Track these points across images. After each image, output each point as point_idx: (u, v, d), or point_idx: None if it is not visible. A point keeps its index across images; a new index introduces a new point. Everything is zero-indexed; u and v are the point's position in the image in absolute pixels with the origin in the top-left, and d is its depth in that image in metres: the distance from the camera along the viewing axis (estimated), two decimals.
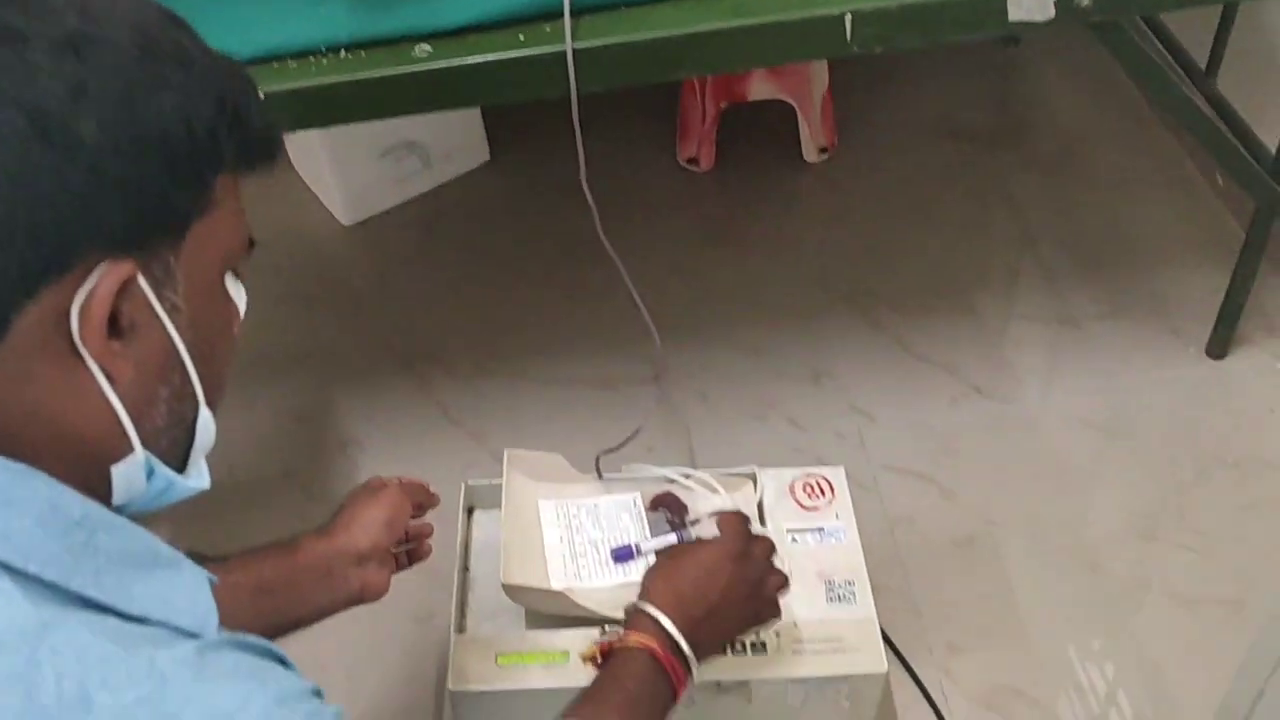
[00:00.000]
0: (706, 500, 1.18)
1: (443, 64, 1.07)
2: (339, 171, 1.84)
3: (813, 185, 1.91)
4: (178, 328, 0.57)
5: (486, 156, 1.97)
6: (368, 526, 0.93)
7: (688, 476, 1.20)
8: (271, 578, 0.89)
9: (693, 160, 1.92)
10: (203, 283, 0.58)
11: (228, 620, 0.89)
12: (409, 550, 1.03)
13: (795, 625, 1.07)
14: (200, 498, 1.58)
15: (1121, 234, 1.78)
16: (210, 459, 0.68)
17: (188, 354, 0.58)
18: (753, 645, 1.06)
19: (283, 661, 0.63)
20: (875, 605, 1.31)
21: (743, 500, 1.18)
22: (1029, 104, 2.04)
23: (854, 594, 1.10)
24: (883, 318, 1.67)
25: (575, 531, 1.13)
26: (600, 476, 1.20)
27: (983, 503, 1.44)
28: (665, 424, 1.55)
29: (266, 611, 0.89)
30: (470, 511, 1.23)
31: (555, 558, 1.10)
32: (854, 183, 1.89)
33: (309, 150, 1.85)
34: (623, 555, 1.11)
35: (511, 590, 1.04)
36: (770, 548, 1.02)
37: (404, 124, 1.83)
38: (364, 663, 1.34)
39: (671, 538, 1.10)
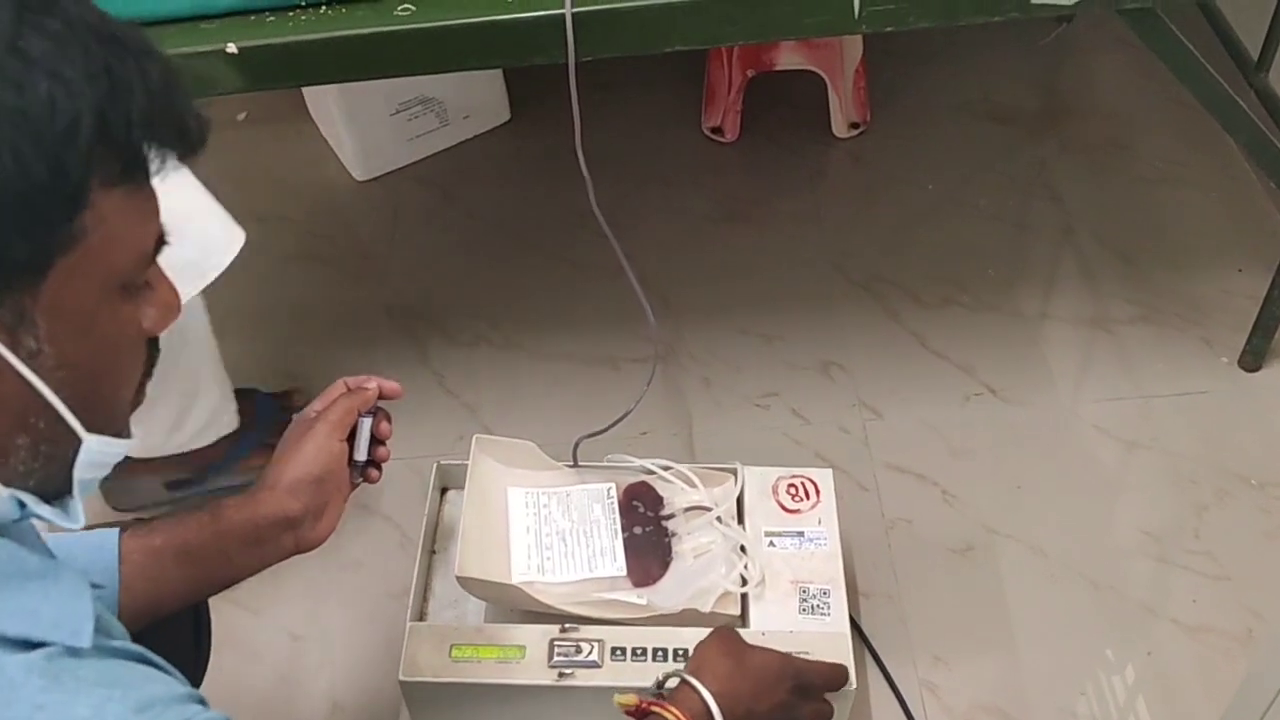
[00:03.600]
0: (684, 494, 1.13)
1: (425, 24, 1.02)
2: (352, 125, 1.79)
3: (840, 162, 1.83)
4: (40, 370, 0.53)
5: (507, 116, 1.92)
6: (297, 489, 0.88)
7: (667, 469, 1.15)
8: (196, 542, 0.86)
9: (717, 130, 1.85)
10: (77, 315, 0.54)
11: (150, 584, 0.86)
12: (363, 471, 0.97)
13: (763, 635, 1.02)
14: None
15: (1162, 232, 1.69)
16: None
17: (57, 393, 0.54)
18: None
19: (158, 667, 0.59)
20: (860, 610, 1.27)
21: (721, 495, 1.13)
22: (1076, 88, 1.94)
23: (829, 605, 1.05)
24: (901, 309, 1.60)
25: (544, 521, 1.09)
26: (575, 464, 1.15)
27: (986, 510, 1.37)
28: (664, 408, 1.50)
29: (192, 576, 0.86)
30: (444, 492, 1.19)
31: (520, 548, 1.06)
32: (884, 162, 1.81)
33: (324, 101, 1.81)
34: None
35: (466, 583, 1.00)
36: (830, 713, 1.00)
37: (419, 79, 1.77)
38: (337, 640, 1.31)
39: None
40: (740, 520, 1.13)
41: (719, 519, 1.11)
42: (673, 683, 0.91)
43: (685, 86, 1.91)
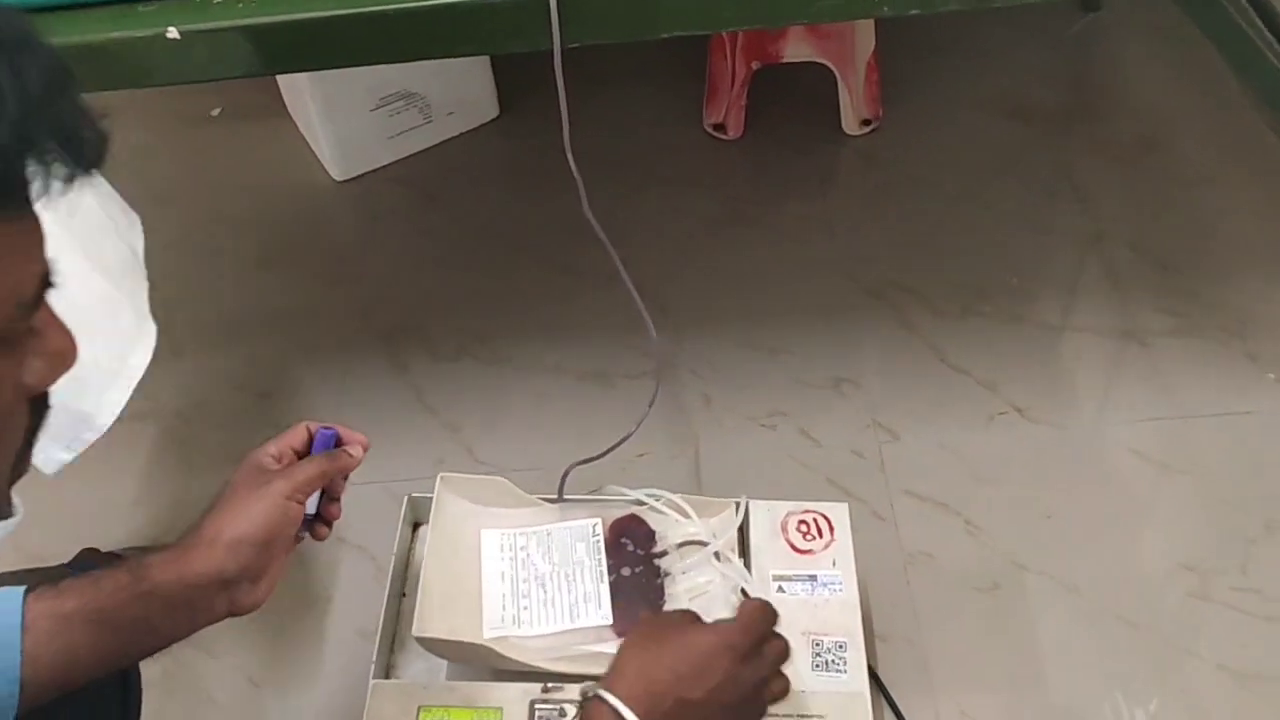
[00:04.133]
0: (678, 527, 1.01)
1: (390, 6, 0.90)
2: (329, 121, 1.67)
3: (851, 161, 1.71)
4: None
5: (495, 113, 1.80)
6: (238, 549, 0.76)
7: (657, 498, 1.03)
8: (113, 606, 0.74)
9: (719, 127, 1.73)
10: None
11: (60, 655, 0.73)
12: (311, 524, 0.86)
13: None
14: (149, 479, 1.43)
15: (1200, 238, 1.56)
16: (165, 438, 0.54)
17: None
18: None
19: None
20: (876, 655, 1.15)
21: (720, 526, 1.02)
22: (1106, 82, 1.82)
23: (845, 661, 0.93)
24: (918, 320, 1.48)
25: (520, 566, 0.97)
26: (561, 497, 1.03)
27: (1013, 542, 1.25)
28: (662, 428, 1.38)
29: (108, 644, 0.74)
30: (415, 528, 1.07)
31: (493, 599, 0.94)
32: (898, 161, 1.69)
33: (300, 95, 1.69)
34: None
35: (427, 644, 0.88)
36: (785, 651, 0.84)
37: (401, 72, 1.66)
38: (300, 688, 1.20)
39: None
40: (743, 556, 1.01)
41: (716, 555, 0.99)
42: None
43: (685, 80, 1.79)
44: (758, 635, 0.82)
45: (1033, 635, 1.18)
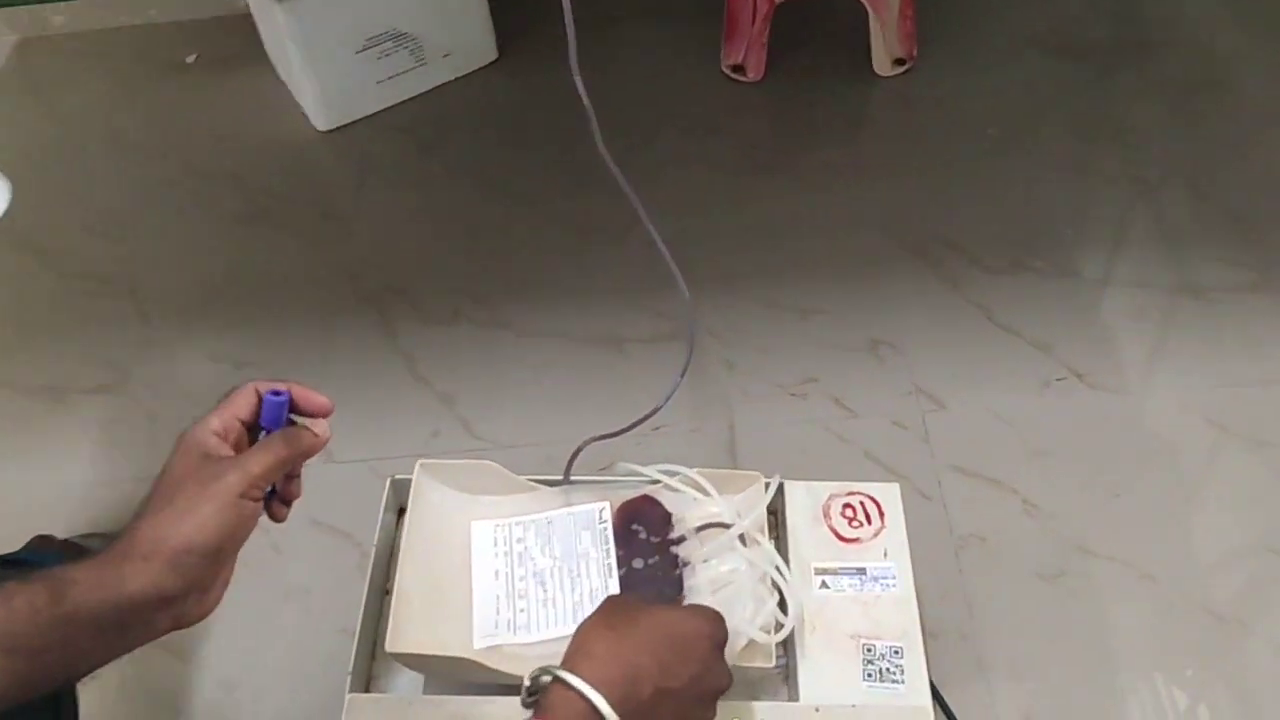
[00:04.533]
0: (697, 508, 0.88)
1: None
2: (312, 66, 1.52)
3: (883, 105, 1.56)
4: None
5: (494, 56, 1.65)
6: (182, 561, 0.63)
7: (673, 475, 0.89)
8: (26, 634, 0.60)
9: (738, 68, 1.58)
10: None
11: None
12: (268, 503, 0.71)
13: (816, 711, 0.77)
14: (112, 457, 1.27)
15: (1266, 183, 1.41)
16: (130, 412, 0.42)
17: None
18: None
19: None
20: (928, 653, 1.01)
21: (745, 505, 0.88)
22: (1159, 16, 1.66)
23: (901, 669, 0.80)
24: (961, 275, 1.33)
25: (517, 562, 0.83)
26: (567, 478, 0.89)
27: (1077, 524, 1.11)
28: (680, 397, 1.23)
29: (24, 672, 0.61)
30: (401, 514, 0.93)
31: (485, 602, 0.81)
32: (934, 104, 1.54)
33: (280, 38, 1.54)
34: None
35: (403, 659, 0.75)
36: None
37: (390, 10, 1.51)
38: (277, 693, 1.06)
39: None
40: (779, 545, 0.87)
41: (741, 539, 0.85)
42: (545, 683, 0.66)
43: (701, 18, 1.64)
44: (725, 631, 0.72)
45: (1103, 630, 1.04)
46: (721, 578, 0.84)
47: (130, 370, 1.33)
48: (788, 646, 0.83)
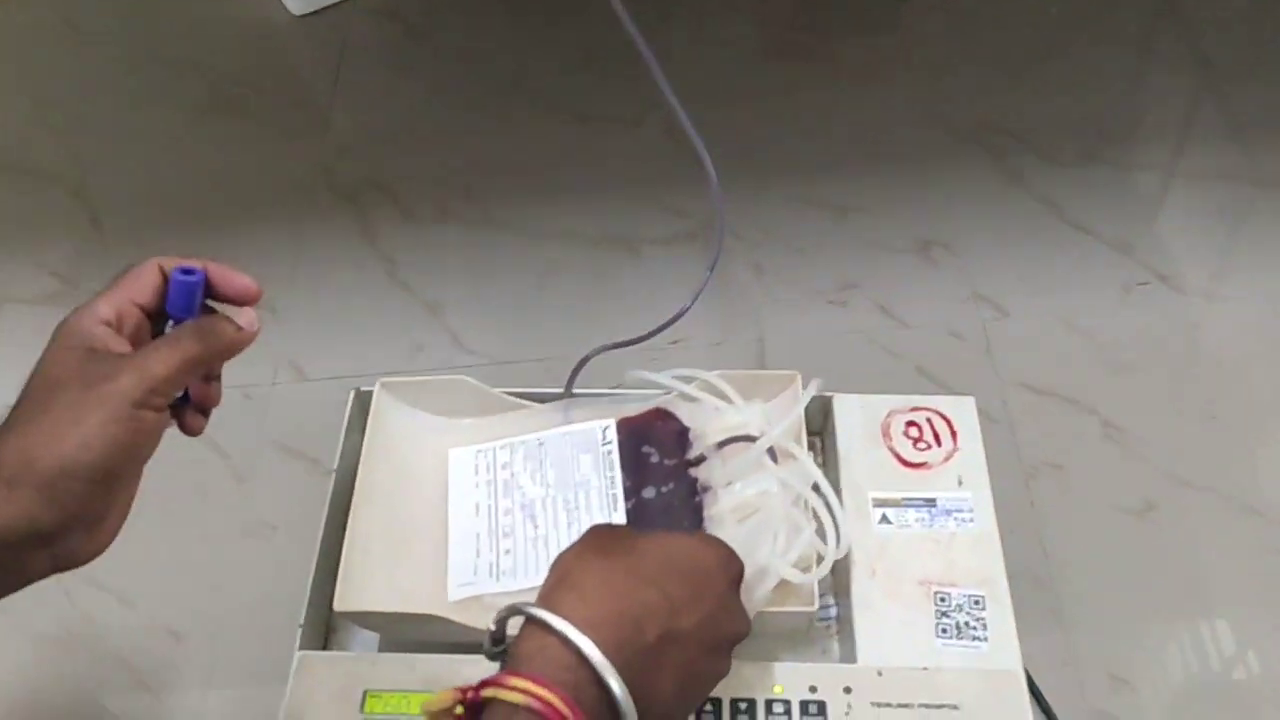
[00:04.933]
0: (718, 419, 0.72)
1: None
2: None
3: None
4: None
5: None
6: (60, 489, 0.47)
7: (689, 381, 0.73)
8: None
9: None
10: None
11: None
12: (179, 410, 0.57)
13: (879, 675, 0.62)
14: None
15: None
16: None
17: None
18: (803, 705, 0.61)
19: None
20: None
21: (777, 411, 0.72)
22: None
23: (983, 623, 0.64)
24: (1026, 168, 1.16)
25: (501, 492, 0.68)
26: (569, 391, 0.74)
27: (1168, 450, 0.95)
28: (701, 305, 1.07)
29: None
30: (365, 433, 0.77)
31: (464, 542, 0.65)
32: None
33: None
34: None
35: (359, 619, 0.60)
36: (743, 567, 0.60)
37: None
38: (231, 643, 0.92)
39: None
40: (829, 477, 0.71)
41: (772, 454, 0.69)
42: (515, 628, 0.51)
43: None
44: (741, 566, 0.58)
45: (1200, 571, 0.89)
46: (748, 503, 0.69)
47: (77, 279, 1.17)
48: (841, 594, 0.68)
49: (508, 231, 1.16)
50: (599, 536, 0.54)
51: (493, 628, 0.51)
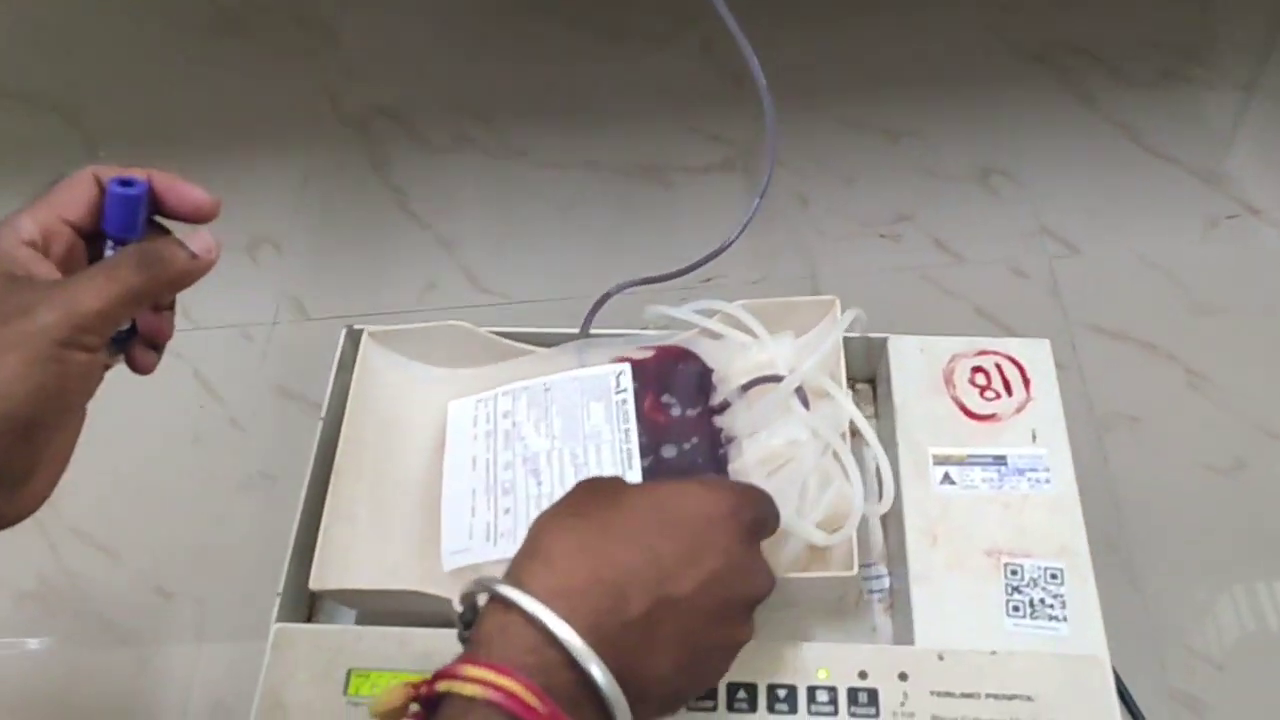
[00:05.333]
0: (744, 357, 0.63)
1: None
2: None
3: None
4: None
5: None
6: None
7: (711, 314, 0.65)
8: None
9: None
10: None
11: None
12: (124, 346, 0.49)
13: (940, 660, 0.53)
14: None
15: None
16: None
17: None
18: (851, 694, 0.53)
19: None
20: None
21: (807, 345, 0.63)
22: None
23: (1062, 600, 0.55)
24: (1097, 88, 1.05)
25: (503, 443, 0.59)
26: (585, 331, 0.65)
27: (1260, 398, 0.85)
28: (744, 240, 0.98)
29: None
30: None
31: (459, 500, 0.57)
32: None
33: None
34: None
35: (341, 597, 0.52)
36: (774, 511, 0.50)
37: None
38: (222, 594, 0.85)
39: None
40: (884, 430, 0.62)
41: (801, 395, 0.60)
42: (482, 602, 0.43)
43: None
44: (760, 512, 0.48)
45: None
46: (776, 454, 0.60)
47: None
48: (896, 564, 0.59)
49: (526, 160, 1.07)
50: (580, 493, 0.45)
51: (459, 607, 0.42)
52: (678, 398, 0.63)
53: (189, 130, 1.14)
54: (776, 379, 0.61)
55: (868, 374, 0.68)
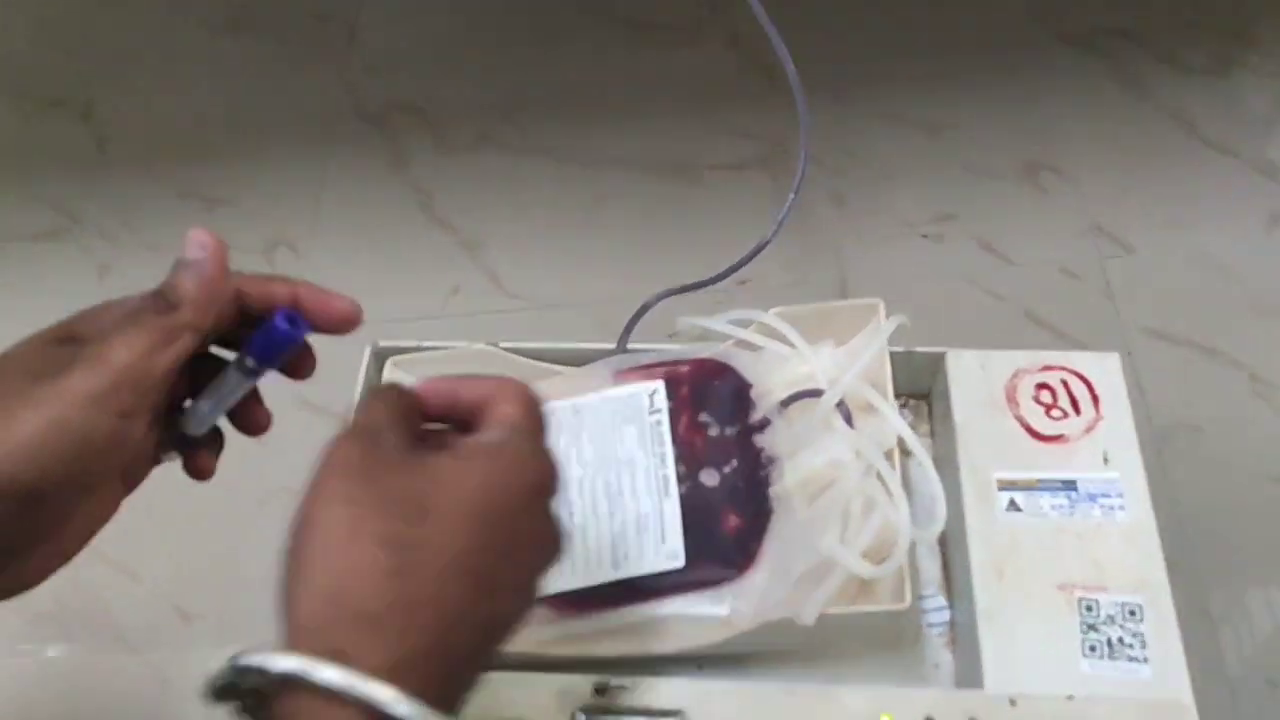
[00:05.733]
0: (784, 369, 0.59)
1: None
2: None
3: None
4: None
5: None
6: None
7: (745, 324, 0.61)
8: None
9: None
10: None
11: None
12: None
13: (1012, 705, 0.49)
14: (62, 316, 0.97)
15: None
16: (83, 262, 0.33)
17: None
18: None
19: None
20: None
21: (849, 355, 0.59)
22: None
23: (1142, 640, 0.51)
24: (1149, 77, 1.01)
25: None
26: (622, 346, 0.61)
27: None
28: (779, 241, 0.94)
29: None
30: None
31: None
32: None
33: None
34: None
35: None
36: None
37: None
38: (245, 616, 0.82)
39: None
40: (942, 452, 0.58)
41: (842, 410, 0.56)
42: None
43: None
44: (551, 465, 0.38)
45: None
46: (818, 475, 0.55)
47: (81, 211, 1.07)
48: (960, 599, 0.55)
49: (551, 158, 1.03)
50: (360, 481, 0.35)
51: (219, 681, 0.32)
52: (715, 416, 0.59)
53: (202, 129, 1.11)
54: (817, 393, 0.57)
55: (921, 388, 0.64)
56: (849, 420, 0.56)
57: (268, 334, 0.39)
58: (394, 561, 0.32)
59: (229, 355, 0.42)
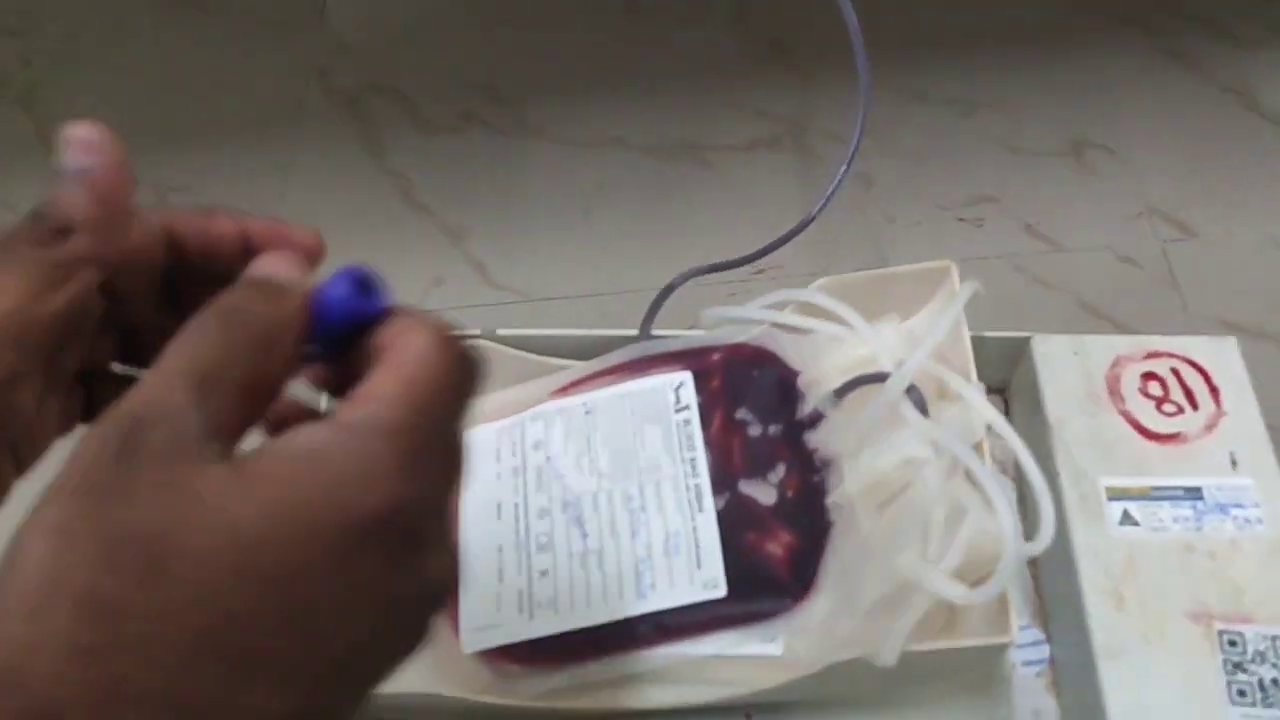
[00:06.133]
0: (838, 352, 0.49)
1: None
2: None
3: None
4: None
5: None
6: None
7: (782, 307, 0.51)
8: None
9: None
10: None
11: None
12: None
13: None
14: None
15: None
16: None
17: None
18: None
19: None
20: None
21: (917, 331, 0.50)
22: None
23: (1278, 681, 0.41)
24: (1202, 52, 0.92)
25: (535, 483, 0.45)
26: (646, 332, 0.51)
27: None
28: (811, 228, 0.85)
29: None
30: None
31: (482, 562, 0.43)
32: None
33: None
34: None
35: None
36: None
37: None
38: None
39: None
40: (1037, 454, 0.48)
41: (913, 395, 0.46)
42: None
43: None
44: (428, 491, 0.25)
45: None
46: (886, 480, 0.45)
47: (23, 204, 0.96)
48: (1066, 630, 0.45)
49: (544, 139, 0.93)
50: (65, 505, 0.21)
51: None
52: (755, 412, 0.49)
53: (155, 114, 1.01)
54: (881, 378, 0.47)
55: (999, 381, 0.54)
56: (923, 409, 0.46)
57: (324, 304, 0.26)
58: (94, 636, 0.21)
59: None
